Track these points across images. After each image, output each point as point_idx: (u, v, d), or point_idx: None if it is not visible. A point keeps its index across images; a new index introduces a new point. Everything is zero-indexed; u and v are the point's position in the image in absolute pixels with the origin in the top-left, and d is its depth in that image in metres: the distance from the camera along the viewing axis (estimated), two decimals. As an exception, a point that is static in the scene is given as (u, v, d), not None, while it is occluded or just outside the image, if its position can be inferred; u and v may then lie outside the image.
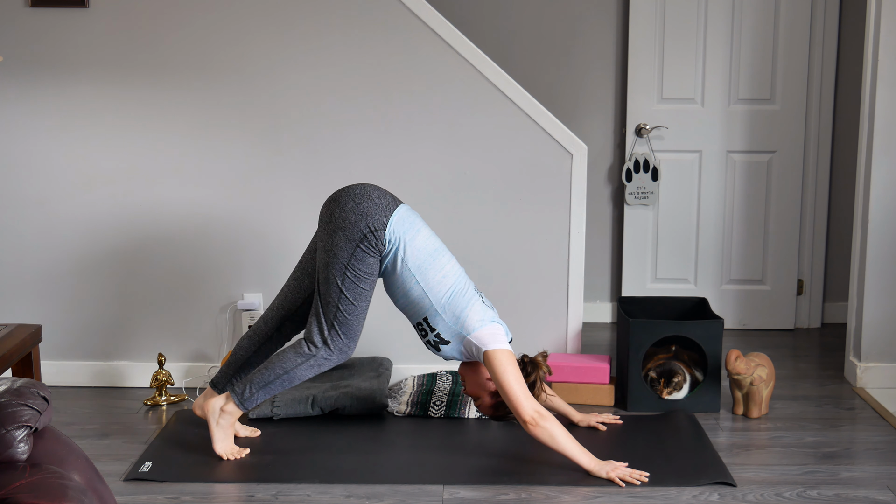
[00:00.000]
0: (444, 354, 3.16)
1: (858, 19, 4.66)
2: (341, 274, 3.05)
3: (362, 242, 3.03)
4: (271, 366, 3.12)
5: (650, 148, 4.79)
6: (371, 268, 3.07)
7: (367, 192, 3.08)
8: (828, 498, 2.92)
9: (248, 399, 3.14)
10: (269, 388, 3.13)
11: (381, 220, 3.03)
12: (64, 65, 3.77)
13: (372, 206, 3.04)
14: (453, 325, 3.08)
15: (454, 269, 3.13)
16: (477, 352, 3.07)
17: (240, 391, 3.14)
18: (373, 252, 3.05)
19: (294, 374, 3.11)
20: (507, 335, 3.13)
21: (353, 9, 3.74)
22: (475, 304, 3.10)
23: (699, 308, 3.99)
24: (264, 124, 3.81)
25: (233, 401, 3.15)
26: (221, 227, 3.87)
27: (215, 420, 3.17)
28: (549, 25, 4.82)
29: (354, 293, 3.06)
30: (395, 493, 2.94)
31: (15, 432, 1.86)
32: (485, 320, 3.08)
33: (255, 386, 3.13)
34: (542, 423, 2.98)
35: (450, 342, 3.11)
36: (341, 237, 3.04)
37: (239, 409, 3.16)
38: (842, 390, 3.95)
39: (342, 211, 3.05)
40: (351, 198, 3.06)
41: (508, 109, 3.80)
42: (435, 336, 3.12)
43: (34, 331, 3.35)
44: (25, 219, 3.87)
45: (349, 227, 3.03)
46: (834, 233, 4.92)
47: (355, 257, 3.04)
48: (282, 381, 3.12)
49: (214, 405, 3.18)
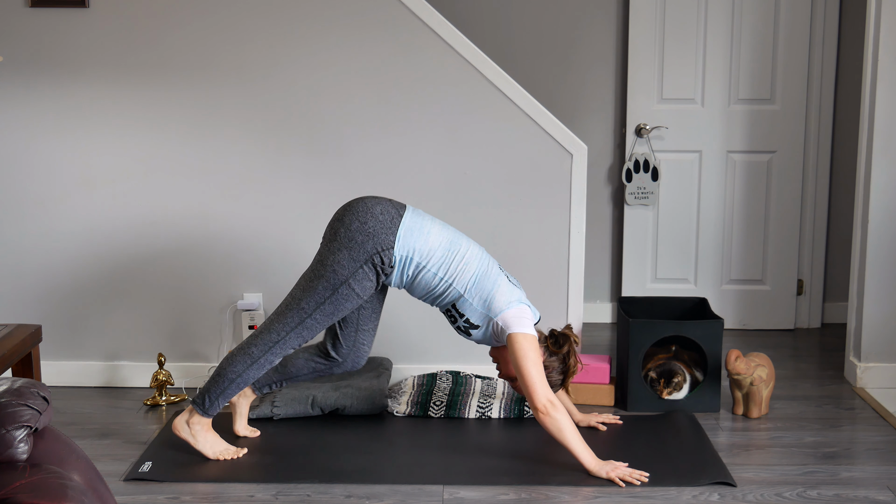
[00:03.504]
0: (476, 339, 3.20)
1: (858, 19, 4.66)
2: (332, 289, 3.05)
3: (367, 263, 3.04)
4: (224, 372, 3.15)
5: (650, 148, 4.79)
6: (364, 291, 3.08)
7: (370, 210, 3.06)
8: (828, 498, 2.92)
9: (210, 408, 3.17)
10: (227, 394, 3.17)
11: (388, 239, 3.03)
12: (64, 65, 3.77)
13: (378, 224, 3.04)
14: (481, 308, 3.10)
15: (475, 253, 3.14)
16: (502, 333, 3.10)
17: (200, 402, 3.18)
18: (375, 274, 3.06)
19: (247, 376, 3.14)
20: (534, 316, 3.16)
21: (354, 9, 3.74)
22: (501, 284, 3.12)
23: (699, 308, 3.99)
24: (264, 124, 3.81)
25: (197, 412, 3.18)
26: (222, 227, 3.87)
27: (189, 435, 3.19)
28: (549, 25, 4.82)
29: (335, 307, 3.08)
30: (395, 493, 2.94)
31: (15, 432, 1.86)
32: (512, 301, 3.10)
33: (213, 395, 3.16)
34: (553, 413, 2.99)
35: (480, 326, 3.14)
36: (345, 256, 3.03)
37: (204, 418, 3.19)
38: (842, 390, 3.95)
39: (347, 230, 3.05)
40: (356, 217, 3.06)
41: (508, 110, 3.80)
42: (465, 322, 3.14)
43: (34, 331, 3.35)
44: (25, 219, 3.87)
45: (355, 246, 3.03)
46: (834, 233, 4.92)
47: (355, 277, 3.04)
48: (237, 385, 3.15)
49: (181, 423, 3.20)
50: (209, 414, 3.18)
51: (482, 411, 3.59)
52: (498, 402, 3.62)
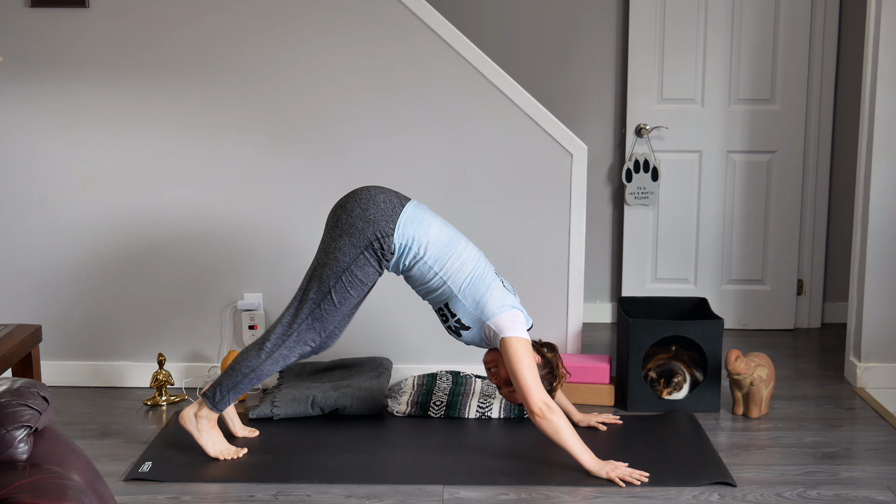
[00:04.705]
0: (466, 340, 3.19)
1: (858, 19, 4.66)
2: (336, 277, 3.06)
3: (367, 249, 3.04)
4: (238, 367, 3.14)
5: (650, 148, 4.79)
6: (368, 277, 3.08)
7: (372, 198, 3.08)
8: (828, 498, 2.92)
9: (220, 402, 3.17)
10: (239, 389, 3.16)
11: (388, 227, 3.04)
12: (64, 65, 3.77)
13: (378, 212, 3.05)
14: (473, 310, 3.10)
15: (472, 255, 3.14)
16: (494, 338, 3.10)
17: (211, 395, 3.17)
18: (376, 260, 3.06)
19: (261, 371, 3.14)
20: (526, 322, 3.16)
21: (354, 9, 3.74)
22: (496, 288, 3.12)
23: (699, 308, 3.99)
24: (265, 124, 3.81)
25: (206, 406, 3.18)
26: (222, 227, 3.87)
27: (195, 428, 3.18)
28: (549, 25, 4.81)
29: (341, 296, 3.08)
30: (395, 493, 2.94)
31: (15, 432, 1.86)
32: (504, 306, 3.10)
33: (224, 389, 3.16)
34: (549, 416, 2.99)
35: (470, 328, 3.14)
36: (346, 242, 3.04)
37: (213, 412, 3.19)
38: (842, 390, 3.95)
39: (349, 217, 3.06)
40: (357, 204, 3.07)
41: (508, 109, 3.80)
42: (456, 322, 3.14)
43: (34, 331, 3.35)
44: (25, 219, 3.87)
45: (356, 233, 3.04)
46: (834, 233, 4.92)
47: (357, 263, 3.05)
48: (250, 380, 3.15)
49: (188, 414, 3.19)
50: (218, 408, 3.17)
51: (482, 411, 3.59)
52: (498, 402, 3.62)
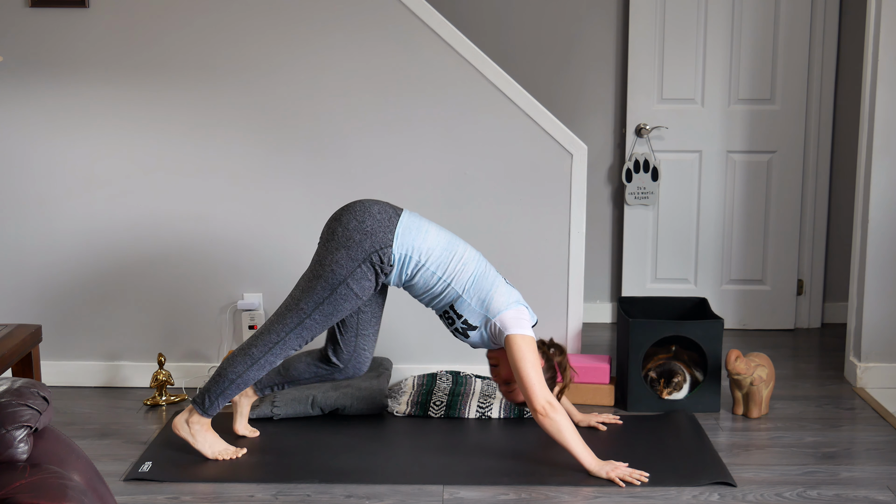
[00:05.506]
0: (473, 341, 3.19)
1: (858, 19, 4.66)
2: (331, 289, 3.05)
3: (365, 262, 3.03)
4: (224, 373, 3.15)
5: (650, 148, 4.79)
6: (363, 291, 3.08)
7: (368, 209, 3.08)
8: (828, 498, 2.92)
9: (210, 408, 3.17)
10: (227, 395, 3.16)
11: (386, 238, 3.04)
12: (64, 65, 3.77)
13: (375, 223, 3.05)
14: (479, 308, 3.10)
15: (472, 255, 3.14)
16: (500, 335, 3.10)
17: (200, 402, 3.18)
18: (373, 273, 3.06)
19: (248, 377, 3.14)
20: (531, 318, 3.16)
21: (354, 9, 3.74)
22: (499, 285, 3.13)
23: (699, 308, 3.99)
24: (264, 124, 3.81)
25: (196, 412, 3.18)
26: (222, 227, 3.87)
27: (189, 434, 3.19)
28: (549, 25, 4.81)
29: (333, 308, 3.07)
30: (395, 493, 2.94)
31: (15, 432, 1.86)
32: (510, 302, 3.11)
33: (212, 395, 3.16)
34: (552, 415, 3.00)
35: (477, 327, 3.14)
36: (343, 255, 3.04)
37: (204, 417, 3.19)
38: (842, 390, 3.95)
39: (345, 230, 3.05)
40: (353, 216, 3.06)
41: (508, 109, 3.80)
42: (462, 323, 3.14)
43: (34, 331, 3.35)
44: (25, 219, 3.87)
45: (353, 245, 3.03)
46: (834, 233, 4.92)
47: (353, 277, 3.04)
48: (237, 386, 3.15)
49: (181, 421, 3.20)
50: (209, 414, 3.18)
51: (482, 411, 3.59)
52: (498, 402, 3.62)
